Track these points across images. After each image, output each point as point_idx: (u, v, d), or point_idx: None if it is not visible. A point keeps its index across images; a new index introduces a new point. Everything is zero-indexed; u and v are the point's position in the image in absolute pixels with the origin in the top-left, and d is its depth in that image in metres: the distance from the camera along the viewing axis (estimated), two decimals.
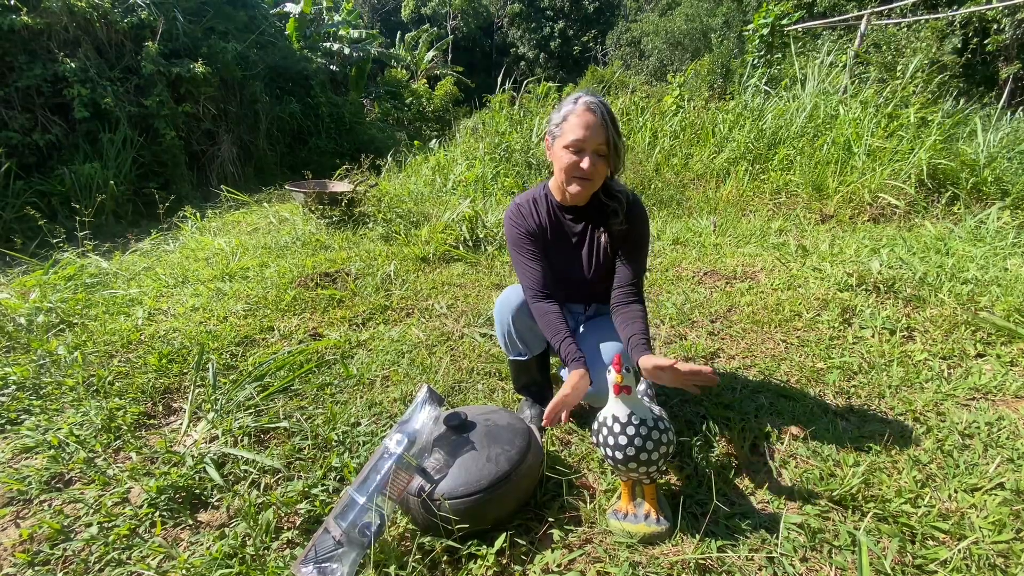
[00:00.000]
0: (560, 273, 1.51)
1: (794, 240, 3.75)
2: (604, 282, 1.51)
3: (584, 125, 1.28)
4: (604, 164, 1.33)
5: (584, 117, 1.29)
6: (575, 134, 1.29)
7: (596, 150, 1.31)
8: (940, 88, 6.80)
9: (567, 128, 1.31)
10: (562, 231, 1.49)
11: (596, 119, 1.28)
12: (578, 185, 1.34)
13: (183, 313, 2.70)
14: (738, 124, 6.30)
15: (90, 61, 6.73)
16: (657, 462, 1.14)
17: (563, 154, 1.33)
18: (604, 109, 1.30)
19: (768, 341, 2.10)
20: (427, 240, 3.97)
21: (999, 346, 1.89)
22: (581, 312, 1.68)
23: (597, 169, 1.32)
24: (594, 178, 1.34)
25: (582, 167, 1.30)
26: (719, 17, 20.93)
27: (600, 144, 1.30)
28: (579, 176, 1.32)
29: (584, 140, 1.29)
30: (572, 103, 1.32)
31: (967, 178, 4.55)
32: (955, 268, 2.54)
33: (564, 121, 1.33)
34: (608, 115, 1.30)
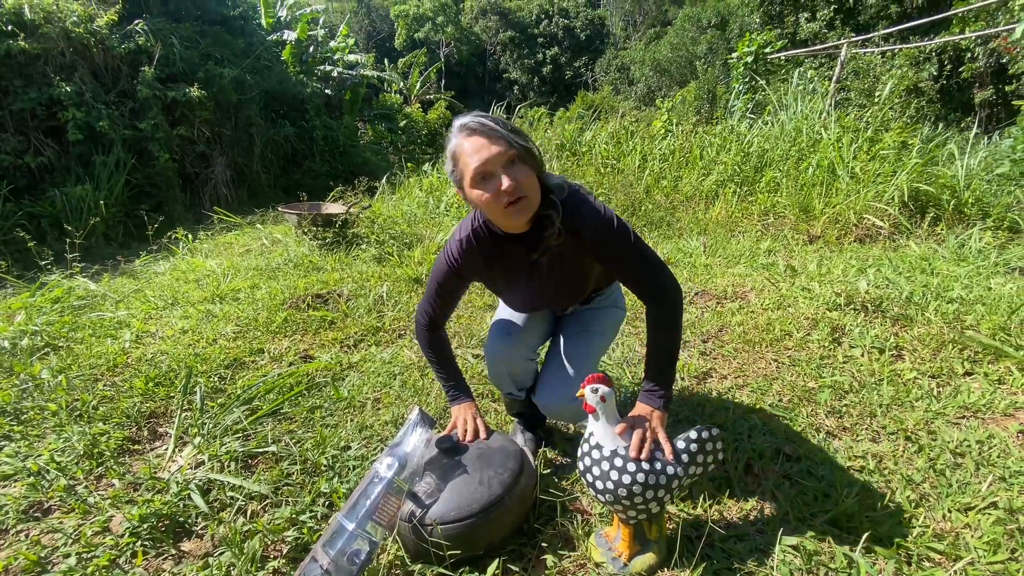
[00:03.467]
0: (519, 299, 1.44)
1: (783, 260, 3.80)
2: (570, 300, 1.45)
3: (475, 150, 1.10)
4: (525, 171, 1.12)
5: (471, 142, 1.11)
6: (473, 164, 1.10)
7: (506, 163, 1.10)
8: (918, 112, 7.02)
9: (462, 165, 1.13)
10: (509, 261, 1.30)
11: (482, 137, 1.10)
12: (516, 212, 1.12)
13: (171, 335, 2.67)
14: (725, 147, 6.43)
15: (86, 85, 6.78)
16: (638, 506, 1.06)
17: (477, 194, 1.13)
18: (485, 120, 1.11)
19: (760, 360, 2.11)
20: (420, 261, 3.98)
21: (986, 364, 1.91)
22: (559, 312, 1.60)
23: (521, 181, 1.10)
24: (526, 192, 1.11)
25: (504, 189, 1.08)
26: (703, 44, 21.55)
27: (505, 155, 1.09)
28: (509, 201, 1.10)
29: (485, 163, 1.09)
30: (453, 137, 1.14)
31: (948, 200, 4.65)
32: (940, 287, 2.58)
33: (457, 162, 1.15)
34: (493, 123, 1.11)
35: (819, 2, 17.31)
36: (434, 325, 1.42)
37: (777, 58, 8.34)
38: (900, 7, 16.00)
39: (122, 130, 6.97)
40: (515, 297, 1.43)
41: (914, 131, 5.89)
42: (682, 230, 5.21)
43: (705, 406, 1.76)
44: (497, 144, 1.09)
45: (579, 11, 30.58)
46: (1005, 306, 2.27)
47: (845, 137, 5.53)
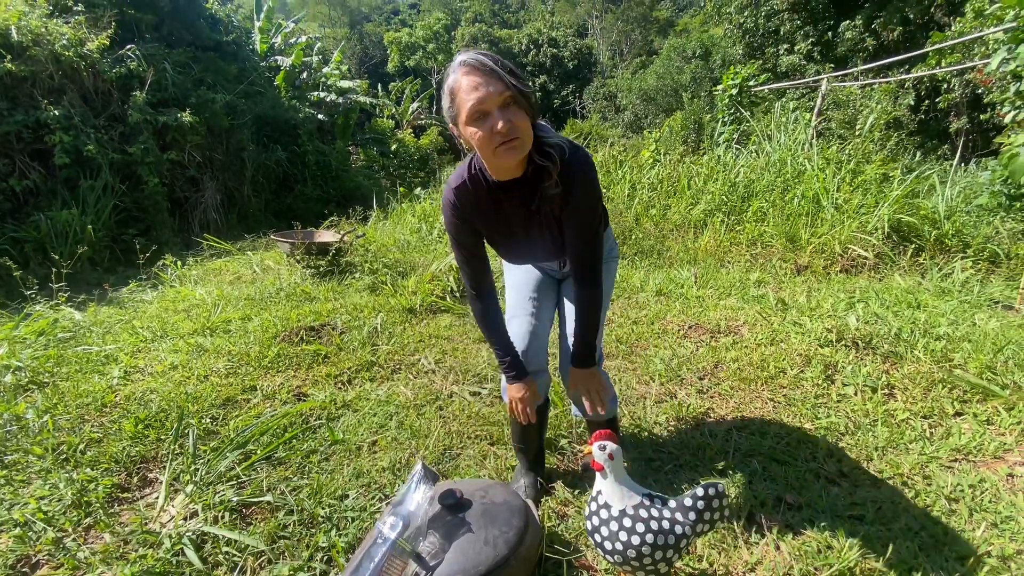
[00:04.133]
0: (516, 252, 1.45)
1: (772, 292, 3.87)
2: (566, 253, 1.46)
3: (472, 88, 1.09)
4: (520, 114, 1.12)
5: (468, 78, 1.10)
6: (469, 102, 1.10)
7: (502, 104, 1.10)
8: (898, 145, 7.27)
9: (459, 102, 1.13)
10: (506, 213, 1.31)
11: (481, 73, 1.09)
12: (508, 152, 1.13)
13: (161, 371, 2.62)
14: (712, 177, 6.57)
15: (74, 109, 6.75)
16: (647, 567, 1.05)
17: (472, 131, 1.13)
18: (484, 58, 1.11)
19: (756, 400, 2.13)
20: (414, 291, 3.97)
21: (975, 404, 1.95)
22: (556, 270, 1.61)
23: (515, 123, 1.11)
24: (520, 134, 1.12)
25: (499, 129, 1.09)
26: (687, 74, 22.17)
27: (502, 95, 1.09)
28: (502, 141, 1.11)
29: (482, 101, 1.09)
30: (452, 72, 1.14)
31: (929, 231, 4.77)
32: (927, 324, 2.64)
33: (454, 97, 1.14)
34: (492, 62, 1.10)
35: (798, 35, 17.98)
36: (479, 293, 1.41)
37: (761, 90, 8.61)
38: (876, 41, 16.68)
39: (111, 154, 6.93)
40: (512, 248, 1.43)
41: (895, 164, 6.09)
42: (672, 259, 5.28)
43: (705, 450, 1.77)
44: (494, 84, 1.09)
45: (567, 40, 31.36)
46: (990, 344, 2.32)
47: (828, 169, 5.70)
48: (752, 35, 18.90)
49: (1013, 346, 2.31)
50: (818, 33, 17.64)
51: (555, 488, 1.61)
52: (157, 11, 8.19)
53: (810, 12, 17.78)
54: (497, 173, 1.24)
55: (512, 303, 1.60)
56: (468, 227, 1.33)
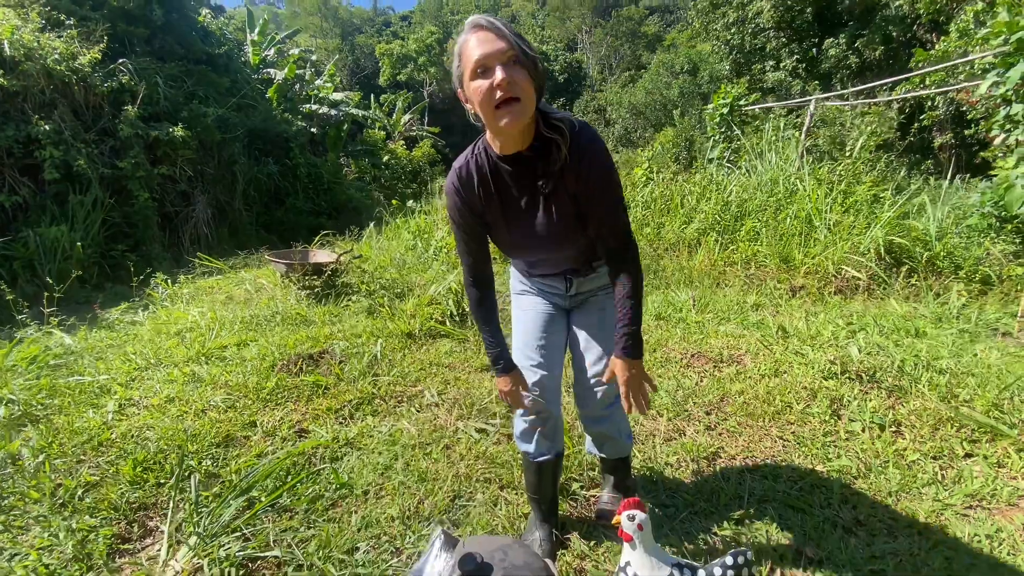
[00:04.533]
0: (519, 240, 1.36)
1: (771, 316, 3.89)
2: (572, 244, 1.35)
3: (479, 43, 1.10)
4: (523, 75, 1.10)
5: (476, 35, 1.11)
6: (474, 56, 1.10)
7: (505, 61, 1.09)
8: (887, 166, 7.41)
9: (465, 59, 1.12)
10: (508, 190, 1.29)
11: (489, 31, 1.10)
12: (507, 112, 1.10)
13: (157, 404, 2.55)
14: (705, 196, 6.63)
15: (65, 123, 6.66)
16: None
17: (474, 86, 1.11)
18: (495, 20, 1.12)
19: (765, 438, 2.12)
20: (412, 314, 3.93)
21: (984, 444, 1.96)
22: (562, 292, 1.53)
23: (517, 82, 1.09)
24: (520, 94, 1.10)
25: (498, 82, 1.08)
26: (675, 89, 22.49)
27: (506, 52, 1.09)
28: (502, 98, 1.09)
29: (486, 56, 1.09)
30: (463, 34, 1.15)
31: (921, 253, 4.84)
32: (929, 355, 2.66)
33: (461, 54, 1.14)
34: (503, 25, 1.12)
35: (783, 53, 18.37)
36: (477, 281, 1.41)
37: (752, 109, 8.74)
38: (859, 59, 17.09)
39: (101, 168, 6.84)
40: (516, 235, 1.35)
41: (885, 185, 6.20)
42: (668, 279, 5.30)
43: (719, 495, 1.75)
44: (501, 41, 1.10)
45: (557, 55, 31.70)
46: (995, 378, 2.35)
47: (820, 189, 5.77)
48: (739, 52, 19.27)
49: (1017, 380, 2.33)
50: (803, 50, 18.04)
51: (570, 540, 1.58)
52: (149, 25, 8.14)
53: (795, 30, 18.18)
54: (501, 144, 1.22)
55: (519, 350, 1.54)
56: (469, 210, 1.31)
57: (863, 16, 17.27)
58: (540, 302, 1.58)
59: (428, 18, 36.32)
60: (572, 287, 1.53)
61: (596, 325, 1.52)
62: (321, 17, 32.07)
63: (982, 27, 10.80)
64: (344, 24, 33.79)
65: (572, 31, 35.45)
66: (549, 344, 1.54)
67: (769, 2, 17.62)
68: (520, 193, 1.28)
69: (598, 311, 1.53)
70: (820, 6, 17.91)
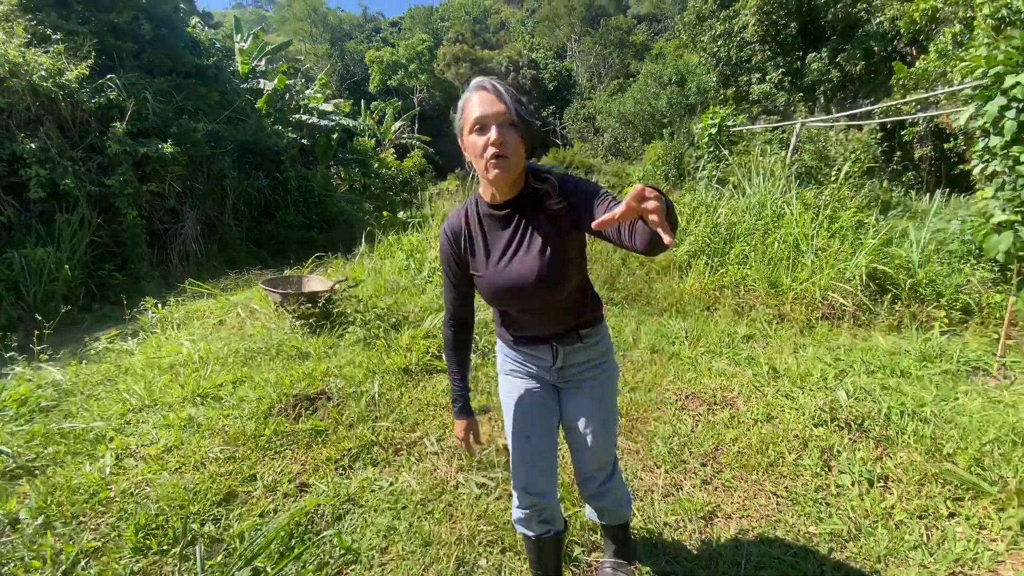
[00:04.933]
0: (507, 284, 1.36)
1: (761, 350, 3.98)
2: (558, 288, 1.35)
3: (480, 103, 1.23)
4: (515, 136, 1.23)
5: (478, 95, 1.25)
6: (474, 113, 1.23)
7: (500, 122, 1.22)
8: (870, 192, 7.61)
9: (467, 114, 1.26)
10: (495, 232, 1.37)
11: (490, 94, 1.24)
12: (497, 165, 1.22)
13: (155, 455, 2.55)
14: (695, 218, 6.74)
15: (51, 140, 6.57)
16: None
17: (472, 140, 1.25)
18: (499, 84, 1.26)
19: (760, 494, 2.18)
20: (408, 347, 3.95)
21: (967, 502, 2.04)
22: (548, 364, 1.50)
23: (509, 142, 1.22)
24: (510, 154, 1.22)
25: (492, 141, 1.20)
26: (664, 100, 22.76)
27: (502, 114, 1.22)
28: (494, 153, 1.21)
29: (484, 116, 1.22)
30: (468, 91, 1.28)
31: (904, 280, 4.97)
32: (914, 403, 2.75)
33: (463, 111, 1.28)
34: (504, 89, 1.25)
35: (769, 65, 18.73)
36: (456, 322, 1.52)
37: (740, 130, 8.91)
38: (841, 73, 17.49)
39: (88, 186, 6.76)
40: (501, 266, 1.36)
41: (869, 211, 6.37)
42: (660, 304, 5.37)
43: (718, 561, 1.80)
44: (500, 104, 1.23)
45: (547, 63, 31.89)
46: (976, 429, 2.44)
47: (807, 214, 5.90)
48: (726, 64, 19.60)
49: (996, 430, 2.42)
50: (788, 64, 18.41)
51: None
52: (138, 39, 8.06)
53: (780, 44, 18.54)
54: (493, 193, 1.34)
55: (511, 440, 1.54)
56: (457, 255, 1.42)
57: (845, 31, 17.69)
58: (529, 387, 1.54)
59: (418, 24, 36.33)
60: (559, 358, 1.49)
61: (590, 412, 1.51)
62: (310, 23, 31.90)
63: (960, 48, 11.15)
64: (333, 30, 33.66)
65: (561, 39, 35.71)
66: (539, 440, 1.52)
67: (754, 16, 17.95)
68: (509, 237, 1.36)
69: (591, 395, 1.52)
70: (804, 21, 18.30)
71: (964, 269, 5.01)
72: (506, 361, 1.60)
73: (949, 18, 11.70)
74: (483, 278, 1.40)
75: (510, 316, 1.51)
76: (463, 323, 1.53)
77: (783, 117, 18.38)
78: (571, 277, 1.38)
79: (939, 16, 11.81)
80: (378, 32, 39.19)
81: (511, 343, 1.56)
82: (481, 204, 1.38)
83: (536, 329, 1.49)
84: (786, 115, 18.21)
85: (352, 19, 39.04)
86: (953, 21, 11.49)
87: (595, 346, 1.51)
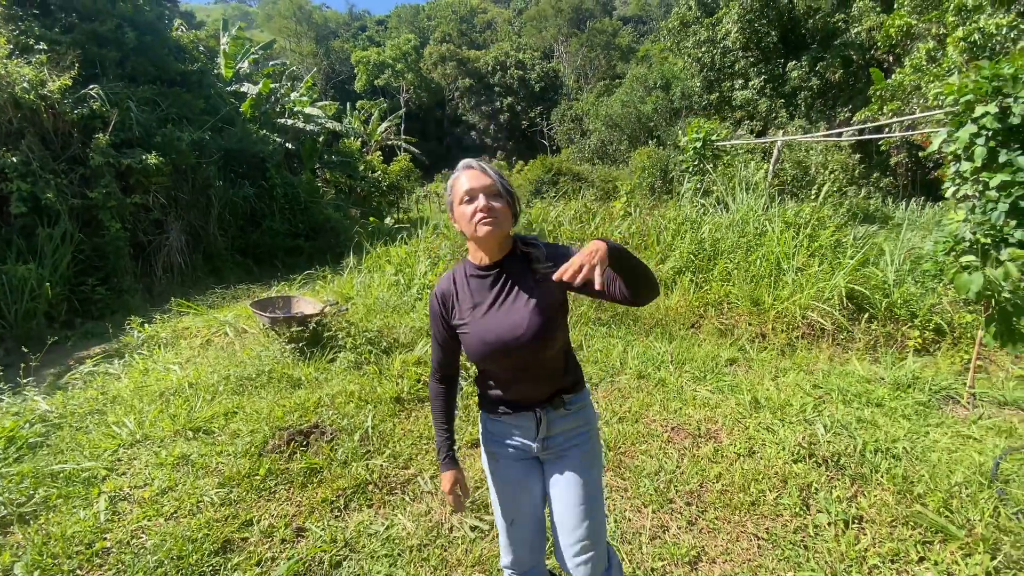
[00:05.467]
0: (495, 336, 1.40)
1: (743, 374, 4.10)
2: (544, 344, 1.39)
3: (468, 178, 1.39)
4: (503, 204, 1.39)
5: (466, 173, 1.40)
6: (464, 186, 1.38)
7: (488, 192, 1.38)
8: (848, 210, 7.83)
9: (456, 189, 1.41)
10: (483, 291, 1.46)
11: (477, 171, 1.40)
12: (486, 224, 1.36)
13: (149, 498, 2.56)
14: (679, 234, 6.87)
15: (33, 153, 6.46)
16: None
17: (461, 210, 1.40)
18: (485, 164, 1.43)
19: (742, 537, 2.28)
20: (400, 374, 3.99)
21: (936, 546, 2.16)
22: (532, 434, 1.51)
23: (496, 208, 1.37)
24: (498, 216, 1.37)
25: (481, 207, 1.35)
26: (649, 104, 22.98)
27: (489, 186, 1.38)
28: (483, 217, 1.36)
29: (473, 188, 1.37)
30: (456, 172, 1.44)
31: (880, 300, 5.14)
32: (887, 439, 2.88)
33: (453, 187, 1.43)
34: (488, 167, 1.42)
35: (751, 72, 19.05)
36: (443, 375, 1.60)
37: (724, 145, 9.06)
38: (821, 80, 17.87)
39: (70, 199, 6.66)
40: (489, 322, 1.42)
41: (847, 231, 6.56)
42: (645, 324, 5.47)
43: None
44: (487, 178, 1.40)
45: (534, 63, 31.92)
46: (945, 470, 2.57)
47: (788, 233, 6.06)
48: (710, 69, 19.87)
49: (964, 469, 2.56)
50: (769, 70, 18.75)
51: None
52: (122, 47, 7.93)
53: (762, 51, 18.86)
54: (482, 256, 1.45)
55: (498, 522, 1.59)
56: (446, 313, 1.50)
57: (824, 40, 18.07)
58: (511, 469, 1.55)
59: (404, 24, 36.07)
60: (542, 427, 1.50)
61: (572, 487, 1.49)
62: (295, 21, 31.51)
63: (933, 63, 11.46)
64: (319, 28, 33.28)
65: (548, 40, 35.76)
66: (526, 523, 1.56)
67: (736, 24, 18.23)
68: (496, 293, 1.44)
69: (574, 469, 1.50)
70: (784, 29, 18.63)
71: (937, 289, 5.21)
72: (489, 438, 1.59)
73: (923, 34, 12.04)
74: (469, 331, 1.44)
75: (494, 378, 1.51)
76: (449, 377, 1.61)
77: (765, 123, 18.72)
78: (556, 335, 1.43)
79: (913, 32, 12.14)
80: (364, 30, 38.83)
81: (494, 411, 1.55)
82: (469, 267, 1.49)
83: (520, 391, 1.49)
84: (768, 121, 18.55)
85: (338, 17, 38.62)
86: (927, 37, 11.83)
87: (579, 412, 1.53)
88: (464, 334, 1.46)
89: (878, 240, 6.51)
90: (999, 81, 4.35)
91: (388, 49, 28.29)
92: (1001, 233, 4.41)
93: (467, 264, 1.51)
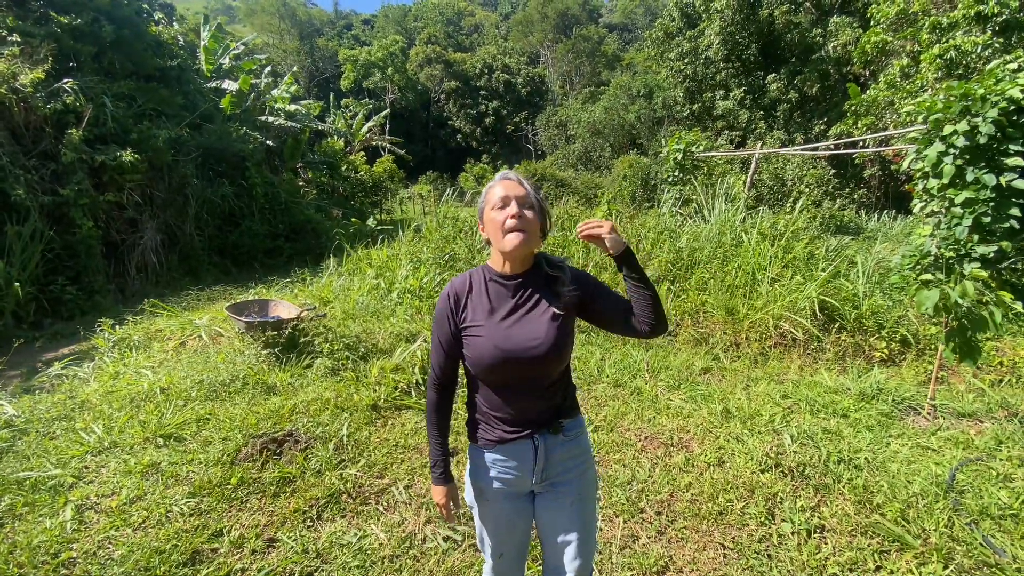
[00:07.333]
0: (511, 345, 1.38)
1: (717, 383, 4.19)
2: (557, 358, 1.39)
3: (503, 187, 1.41)
4: (533, 215, 1.40)
5: (503, 183, 1.43)
6: (498, 194, 1.40)
7: (521, 202, 1.39)
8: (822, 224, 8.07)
9: (490, 196, 1.43)
10: (502, 298, 1.45)
11: (513, 182, 1.43)
12: (515, 234, 1.37)
13: (117, 508, 2.52)
14: (658, 243, 6.98)
15: (3, 148, 6.29)
16: None
17: (493, 215, 1.41)
18: (521, 177, 1.46)
19: (709, 547, 2.34)
20: (378, 381, 3.98)
21: (893, 555, 2.24)
22: (530, 464, 1.46)
23: (528, 218, 1.38)
24: (528, 228, 1.38)
25: (513, 213, 1.36)
26: (632, 112, 23.28)
27: (524, 197, 1.40)
28: (513, 226, 1.36)
29: (507, 197, 1.39)
30: (494, 180, 1.46)
31: (850, 312, 5.29)
32: (850, 450, 2.98)
33: (487, 195, 1.45)
34: (526, 181, 1.45)
35: (732, 83, 19.44)
36: (442, 383, 1.52)
37: (705, 156, 9.24)
38: (799, 93, 18.33)
39: (41, 196, 6.48)
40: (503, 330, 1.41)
41: (820, 243, 6.75)
42: None
43: None
44: (522, 189, 1.42)
45: (520, 68, 32.04)
46: (903, 480, 2.67)
47: (763, 244, 6.21)
48: (692, 80, 20.23)
49: (922, 480, 2.67)
50: (750, 82, 19.17)
51: None
52: (98, 41, 7.76)
53: (743, 63, 19.28)
54: (504, 265, 1.45)
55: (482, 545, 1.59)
56: (453, 316, 1.46)
57: (802, 55, 18.55)
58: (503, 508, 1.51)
59: (391, 24, 35.89)
60: (539, 453, 1.45)
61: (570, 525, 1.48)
62: (279, 18, 31.12)
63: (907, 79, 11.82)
64: (303, 25, 32.92)
65: (535, 44, 35.95)
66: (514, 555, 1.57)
67: (718, 36, 18.60)
68: (516, 303, 1.43)
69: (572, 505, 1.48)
70: (765, 43, 19.07)
71: (904, 301, 5.39)
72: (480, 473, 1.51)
73: (898, 51, 12.44)
74: (484, 335, 1.40)
75: (494, 392, 1.45)
76: (448, 385, 1.53)
77: (745, 134, 19.12)
78: (567, 353, 1.43)
79: (889, 49, 12.53)
80: (349, 29, 38.53)
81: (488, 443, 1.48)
82: (490, 272, 1.48)
83: (519, 407, 1.44)
84: (748, 132, 18.95)
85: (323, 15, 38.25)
86: (901, 54, 12.22)
87: (576, 440, 1.50)
88: (476, 338, 1.41)
89: (850, 252, 6.72)
90: (968, 101, 4.51)
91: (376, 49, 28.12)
92: (965, 248, 4.60)
93: (487, 269, 1.49)
